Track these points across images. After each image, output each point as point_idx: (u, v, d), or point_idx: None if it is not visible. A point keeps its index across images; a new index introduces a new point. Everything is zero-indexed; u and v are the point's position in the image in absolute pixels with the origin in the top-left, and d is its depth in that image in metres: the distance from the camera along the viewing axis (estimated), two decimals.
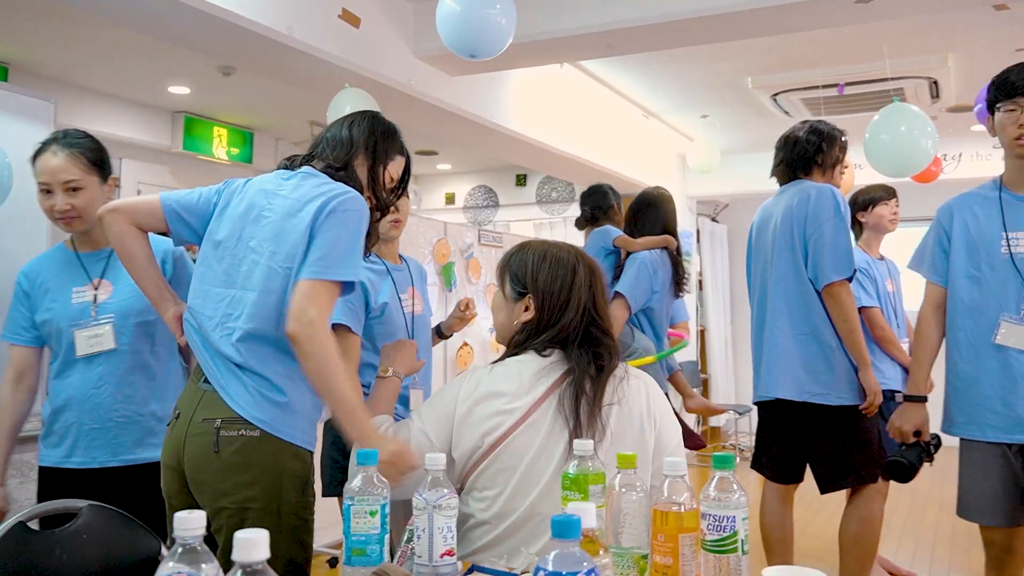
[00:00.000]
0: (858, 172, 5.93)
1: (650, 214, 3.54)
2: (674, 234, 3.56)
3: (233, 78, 5.55)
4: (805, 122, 3.17)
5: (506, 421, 1.63)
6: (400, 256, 2.57)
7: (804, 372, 2.90)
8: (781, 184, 3.21)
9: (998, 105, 2.38)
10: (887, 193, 3.74)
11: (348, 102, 3.72)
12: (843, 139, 3.12)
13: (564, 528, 1.00)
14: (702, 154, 6.31)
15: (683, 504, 1.32)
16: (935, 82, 5.53)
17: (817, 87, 5.63)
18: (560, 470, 1.57)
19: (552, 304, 1.72)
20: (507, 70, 5.01)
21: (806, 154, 3.08)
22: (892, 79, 5.41)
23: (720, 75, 5.63)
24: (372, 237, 1.87)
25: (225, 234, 1.81)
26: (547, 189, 8.65)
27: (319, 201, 1.74)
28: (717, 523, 1.29)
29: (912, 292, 3.11)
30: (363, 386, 2.23)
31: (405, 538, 1.42)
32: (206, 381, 1.75)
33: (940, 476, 3.55)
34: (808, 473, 3.05)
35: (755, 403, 3.14)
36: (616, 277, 3.44)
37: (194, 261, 1.91)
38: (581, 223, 3.87)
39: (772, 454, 3.09)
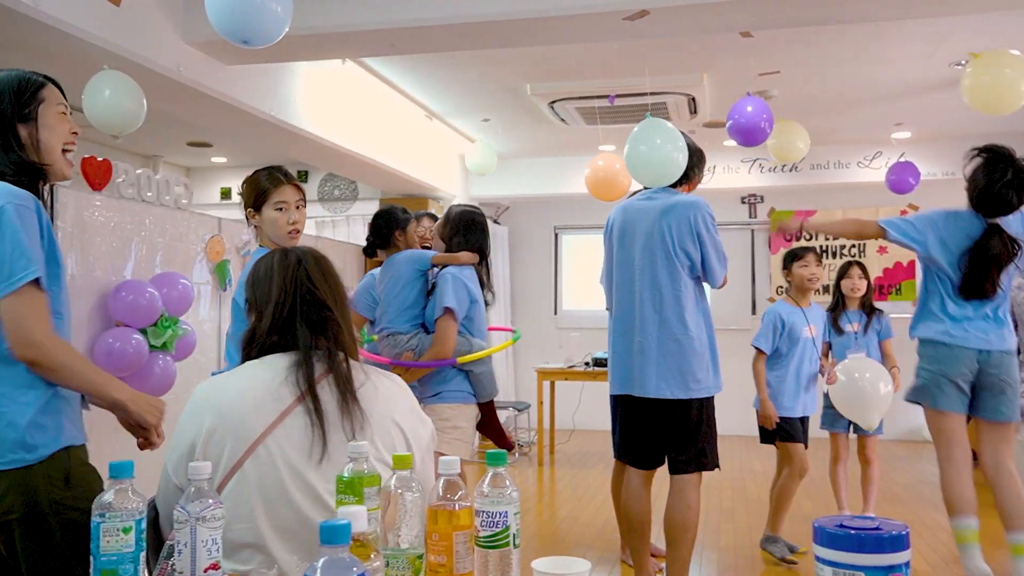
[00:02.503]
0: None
1: (476, 234, 3.64)
2: (487, 257, 3.72)
3: None
4: (679, 131, 3.48)
5: (254, 429, 1.58)
6: None
7: (678, 374, 3.15)
8: (647, 188, 3.48)
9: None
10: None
11: (107, 85, 3.43)
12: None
13: (332, 534, 0.98)
14: (480, 156, 6.45)
15: (457, 502, 1.34)
16: (693, 99, 6.00)
17: (591, 97, 5.93)
18: (322, 470, 1.54)
19: (261, 296, 1.73)
20: (288, 63, 4.85)
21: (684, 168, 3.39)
22: (657, 93, 5.81)
23: (501, 80, 5.78)
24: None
25: None
26: (329, 187, 8.47)
27: None
28: (490, 519, 1.32)
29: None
30: None
31: (164, 554, 1.33)
32: None
33: None
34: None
35: (613, 395, 3.40)
36: (429, 292, 3.55)
37: None
38: (373, 249, 3.77)
39: (634, 444, 3.34)
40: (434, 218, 4.44)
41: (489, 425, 3.63)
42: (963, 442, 3.32)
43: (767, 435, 4.28)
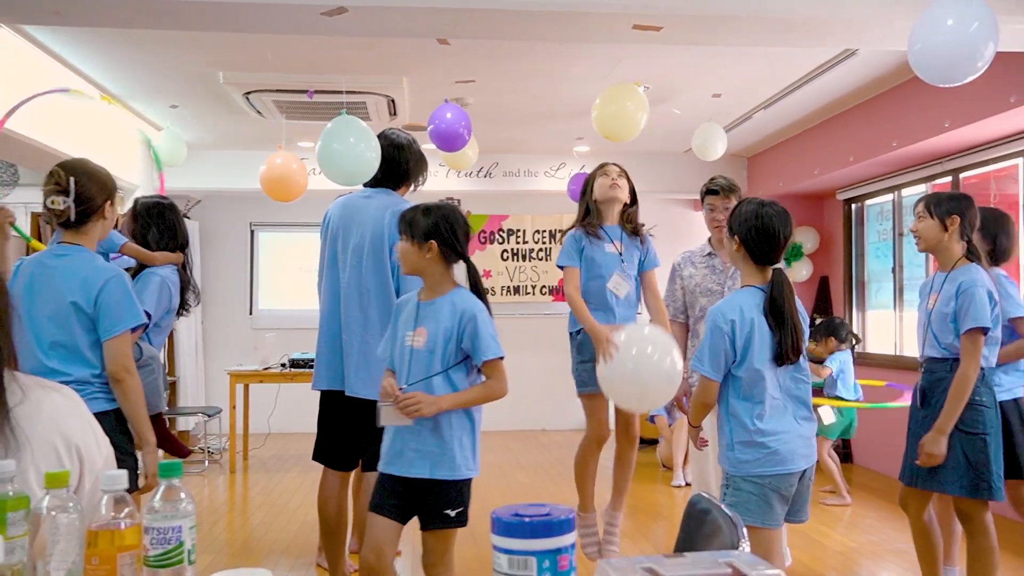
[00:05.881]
0: (313, 178, 6.23)
1: (175, 229, 3.37)
2: (186, 247, 3.43)
3: None
4: (404, 137, 3.38)
5: None
6: None
7: (378, 375, 3.04)
8: (368, 185, 3.42)
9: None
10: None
11: None
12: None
13: None
14: (167, 145, 6.01)
15: (123, 520, 1.22)
16: (393, 100, 6.07)
17: (289, 91, 5.76)
18: None
19: None
20: None
21: (403, 168, 3.35)
22: (356, 92, 5.79)
23: (191, 66, 5.42)
24: None
25: None
26: None
27: None
28: (162, 536, 1.23)
29: None
30: None
31: None
32: None
33: None
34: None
35: (314, 388, 3.39)
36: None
37: None
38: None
39: (331, 444, 3.34)
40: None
41: (159, 436, 3.38)
42: None
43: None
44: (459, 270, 2.71)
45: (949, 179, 5.93)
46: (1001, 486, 3.07)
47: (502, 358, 2.59)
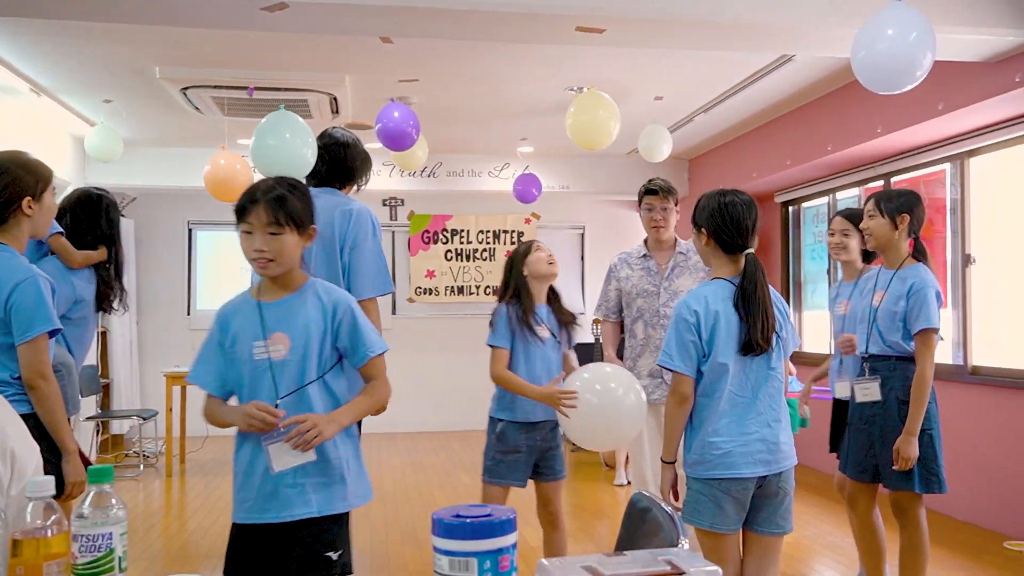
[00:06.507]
0: (257, 176, 6.13)
1: (99, 220, 3.26)
2: (118, 240, 3.30)
3: None
4: (348, 136, 3.27)
5: None
6: None
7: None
8: (311, 185, 3.29)
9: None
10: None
11: None
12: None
13: None
14: (100, 140, 5.84)
15: (50, 528, 1.18)
16: (335, 98, 6.00)
17: (228, 87, 5.64)
18: None
19: None
20: None
21: (348, 168, 3.21)
22: (298, 89, 5.71)
23: (126, 60, 5.28)
24: None
25: None
26: None
27: None
28: (91, 543, 1.19)
29: None
30: None
31: None
32: None
33: None
34: None
35: None
36: None
37: None
38: None
39: None
40: None
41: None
42: None
43: None
44: None
45: (881, 183, 6.10)
46: (945, 478, 3.15)
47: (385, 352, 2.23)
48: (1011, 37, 3.92)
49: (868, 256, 3.73)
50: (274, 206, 2.08)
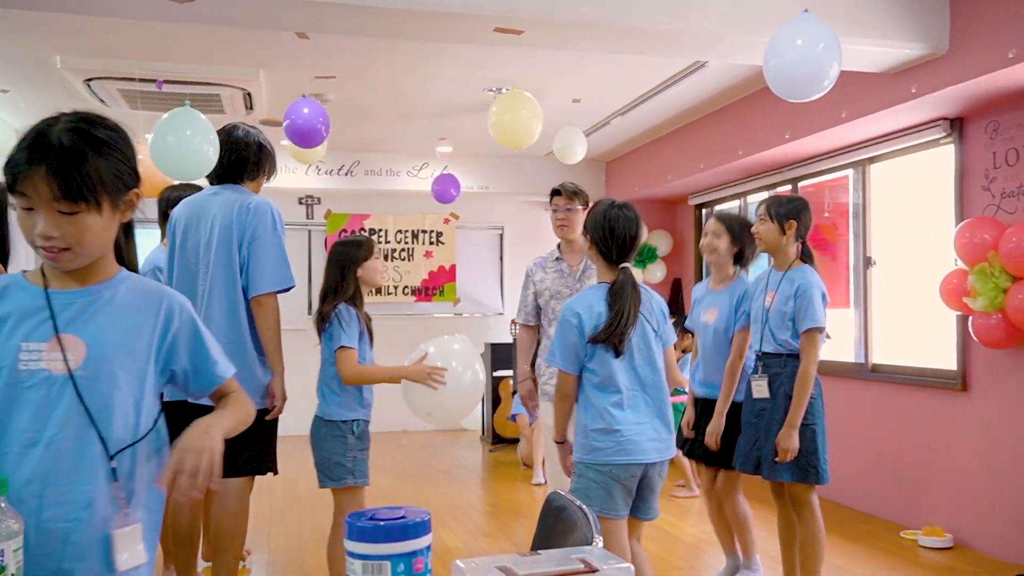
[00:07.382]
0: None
1: None
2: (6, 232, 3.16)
3: None
4: (249, 131, 3.26)
5: None
6: None
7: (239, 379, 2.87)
8: (214, 183, 3.29)
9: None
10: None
11: None
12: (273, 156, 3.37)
13: None
14: None
15: None
16: (249, 93, 5.85)
17: (135, 79, 5.45)
18: None
19: None
20: None
21: (247, 163, 3.24)
22: (210, 84, 5.55)
23: (24, 48, 5.03)
24: None
25: None
26: None
27: None
28: None
29: None
30: None
31: None
32: None
33: None
34: None
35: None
36: None
37: None
38: None
39: None
40: None
41: None
42: None
43: None
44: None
45: (789, 187, 6.31)
46: (827, 470, 3.32)
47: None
48: (908, 50, 4.10)
49: (739, 258, 3.84)
50: (65, 172, 1.41)
